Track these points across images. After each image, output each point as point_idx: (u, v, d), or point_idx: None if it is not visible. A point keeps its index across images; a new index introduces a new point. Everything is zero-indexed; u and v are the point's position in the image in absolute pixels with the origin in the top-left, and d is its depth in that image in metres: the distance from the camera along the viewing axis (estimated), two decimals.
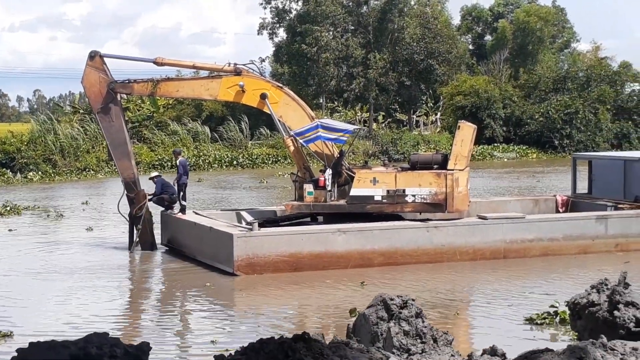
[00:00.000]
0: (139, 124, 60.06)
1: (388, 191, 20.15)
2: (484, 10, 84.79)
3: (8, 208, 30.56)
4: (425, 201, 20.12)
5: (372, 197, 20.17)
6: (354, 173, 20.53)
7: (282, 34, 65.69)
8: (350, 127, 22.97)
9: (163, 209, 22.33)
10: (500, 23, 77.79)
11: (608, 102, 64.28)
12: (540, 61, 72.84)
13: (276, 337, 7.21)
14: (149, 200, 21.81)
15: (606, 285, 8.86)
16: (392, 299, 8.55)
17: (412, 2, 65.70)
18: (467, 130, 20.56)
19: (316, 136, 20.39)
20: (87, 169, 48.17)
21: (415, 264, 19.56)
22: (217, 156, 53.41)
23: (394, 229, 19.87)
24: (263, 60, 68.57)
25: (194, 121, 59.45)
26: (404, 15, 63.80)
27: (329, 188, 20.33)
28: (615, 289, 8.55)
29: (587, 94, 64.64)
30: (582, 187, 24.75)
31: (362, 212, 20.28)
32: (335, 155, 21.00)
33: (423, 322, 8.31)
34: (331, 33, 62.11)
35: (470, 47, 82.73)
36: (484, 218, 20.61)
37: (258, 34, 65.64)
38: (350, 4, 64.07)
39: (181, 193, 21.84)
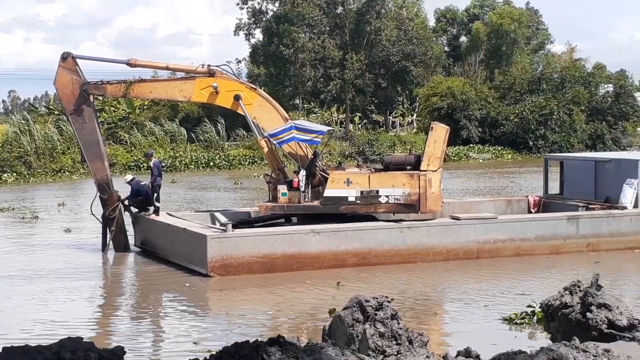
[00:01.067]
0: (115, 125, 59.79)
1: (362, 192, 20.23)
2: (459, 12, 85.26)
3: None
4: (398, 202, 20.22)
5: (346, 198, 20.24)
6: (328, 174, 20.58)
7: (258, 35, 65.73)
8: (324, 128, 23.04)
9: (137, 210, 22.28)
10: (474, 25, 78.24)
11: (582, 104, 64.89)
12: (515, 63, 73.36)
13: (251, 340, 7.25)
14: (128, 205, 21.83)
15: (579, 287, 8.93)
16: (367, 301, 8.55)
17: (389, 5, 65.88)
18: (440, 132, 20.68)
19: (290, 137, 20.44)
20: (62, 171, 47.87)
21: (389, 265, 19.63)
22: (193, 157, 53.30)
23: (368, 229, 19.95)
24: (240, 62, 68.68)
25: (171, 122, 59.32)
26: (381, 17, 64.01)
27: (302, 189, 20.37)
28: (588, 290, 8.62)
29: (561, 95, 65.20)
30: (554, 187, 24.99)
31: (336, 213, 20.34)
32: (309, 157, 21.04)
33: (398, 323, 8.29)
34: (308, 34, 62.19)
35: (446, 48, 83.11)
36: (457, 218, 20.74)
37: (234, 34, 65.72)
38: (325, 5, 64.10)
39: (155, 194, 21.77)
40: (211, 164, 52.96)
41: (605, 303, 8.41)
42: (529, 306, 14.38)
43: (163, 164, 50.16)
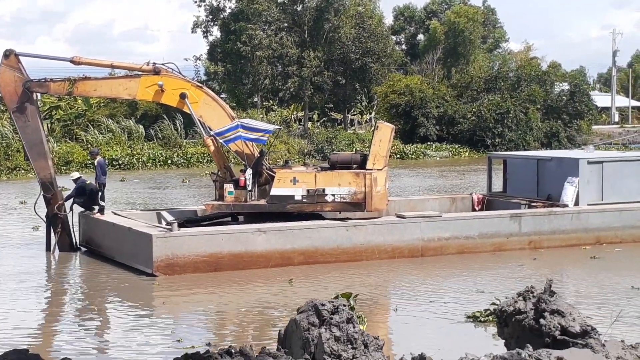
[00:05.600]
0: (71, 122, 59.20)
1: (308, 191, 20.33)
2: (417, 10, 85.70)
3: None
4: (344, 200, 20.35)
5: (293, 196, 20.33)
6: (275, 173, 20.65)
7: (216, 32, 65.49)
8: (271, 127, 23.11)
9: (82, 209, 22.15)
10: (431, 23, 78.70)
11: (538, 102, 65.61)
12: (472, 61, 73.91)
13: (202, 348, 7.24)
14: (73, 203, 21.67)
15: (532, 293, 8.95)
16: (323, 305, 8.52)
17: (347, 2, 65.91)
18: (385, 131, 20.85)
19: (236, 136, 20.48)
20: (17, 169, 47.30)
21: (335, 263, 19.74)
22: (151, 155, 52.97)
23: (314, 228, 20.04)
24: (198, 59, 68.36)
25: (128, 119, 58.87)
26: (340, 14, 64.11)
27: (249, 188, 20.43)
28: (541, 297, 8.63)
29: (517, 93, 65.86)
30: (498, 185, 25.33)
31: (283, 212, 20.42)
32: (255, 155, 21.09)
33: (354, 327, 8.30)
34: (265, 32, 62.07)
35: (404, 47, 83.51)
36: (402, 217, 20.92)
37: (192, 32, 65.42)
38: (286, 1, 64.11)
39: (99, 193, 21.65)
40: (169, 161, 52.71)
41: (558, 309, 8.42)
42: (493, 304, 14.40)
43: (120, 162, 50.05)
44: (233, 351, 7.23)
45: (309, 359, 8.09)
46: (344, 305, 8.68)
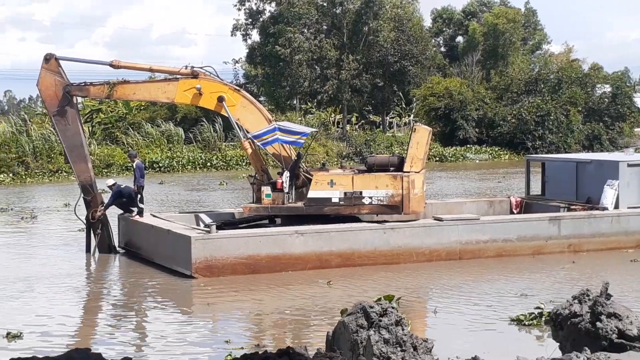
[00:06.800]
0: (112, 125, 59.84)
1: (345, 193, 20.33)
2: (455, 12, 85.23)
3: None
4: (381, 203, 20.32)
5: (330, 199, 20.35)
6: (312, 175, 20.69)
7: (255, 36, 65.74)
8: (308, 129, 23.16)
9: (122, 211, 22.38)
10: (470, 25, 78.16)
11: (579, 104, 64.82)
12: (512, 63, 73.20)
13: (256, 345, 7.26)
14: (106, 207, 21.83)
15: (588, 296, 8.88)
16: (371, 307, 8.55)
17: (387, 6, 65.58)
18: (422, 133, 20.78)
19: (274, 139, 20.55)
20: (59, 171, 47.91)
21: (372, 266, 19.71)
22: (190, 158, 53.34)
23: (351, 230, 20.02)
24: (237, 62, 68.75)
25: (167, 122, 59.34)
26: (379, 18, 63.92)
27: (286, 190, 20.47)
28: (597, 300, 8.55)
29: (558, 96, 65.12)
30: (537, 188, 25.10)
31: (320, 214, 20.43)
32: (292, 158, 21.14)
33: (403, 329, 8.31)
34: (304, 35, 62.14)
35: (442, 49, 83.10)
36: (440, 219, 20.82)
37: (231, 35, 65.71)
38: (325, 4, 64.17)
39: (138, 196, 21.84)
40: (208, 164, 53.03)
41: (615, 312, 8.36)
42: (537, 307, 14.42)
43: (160, 165, 50.49)
44: (291, 352, 7.25)
45: (360, 353, 8.09)
46: (393, 308, 8.67)
